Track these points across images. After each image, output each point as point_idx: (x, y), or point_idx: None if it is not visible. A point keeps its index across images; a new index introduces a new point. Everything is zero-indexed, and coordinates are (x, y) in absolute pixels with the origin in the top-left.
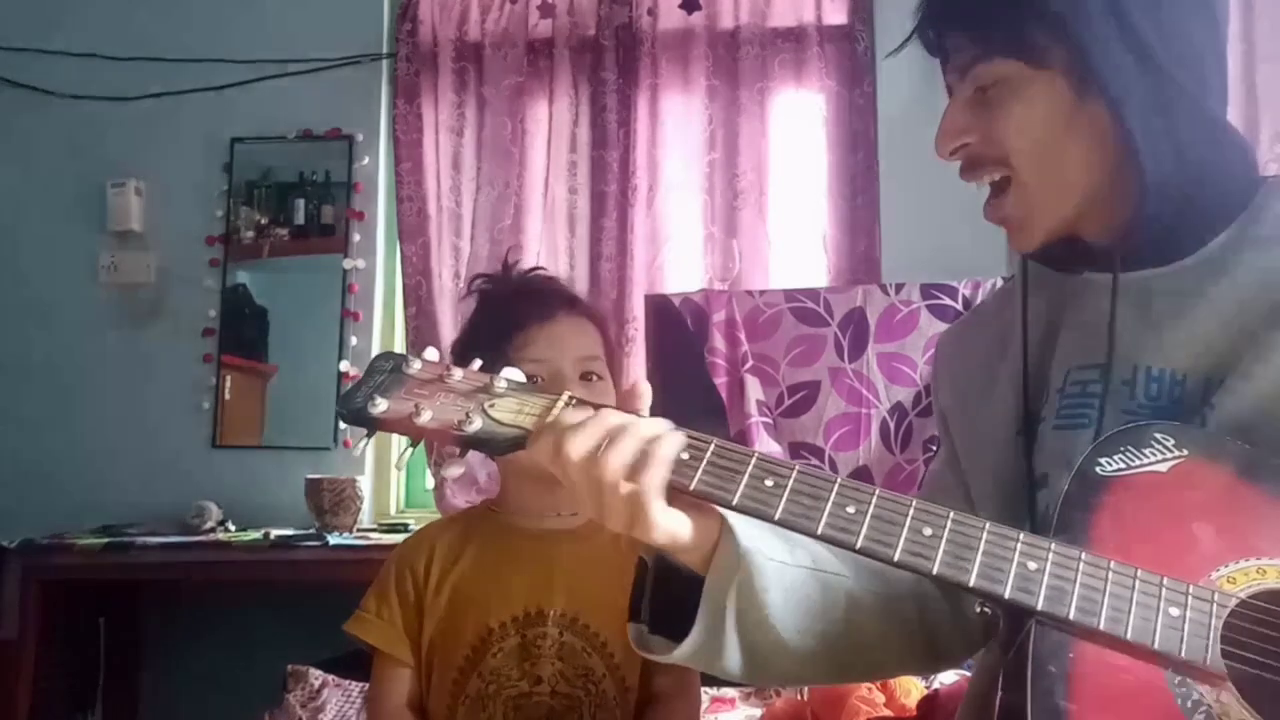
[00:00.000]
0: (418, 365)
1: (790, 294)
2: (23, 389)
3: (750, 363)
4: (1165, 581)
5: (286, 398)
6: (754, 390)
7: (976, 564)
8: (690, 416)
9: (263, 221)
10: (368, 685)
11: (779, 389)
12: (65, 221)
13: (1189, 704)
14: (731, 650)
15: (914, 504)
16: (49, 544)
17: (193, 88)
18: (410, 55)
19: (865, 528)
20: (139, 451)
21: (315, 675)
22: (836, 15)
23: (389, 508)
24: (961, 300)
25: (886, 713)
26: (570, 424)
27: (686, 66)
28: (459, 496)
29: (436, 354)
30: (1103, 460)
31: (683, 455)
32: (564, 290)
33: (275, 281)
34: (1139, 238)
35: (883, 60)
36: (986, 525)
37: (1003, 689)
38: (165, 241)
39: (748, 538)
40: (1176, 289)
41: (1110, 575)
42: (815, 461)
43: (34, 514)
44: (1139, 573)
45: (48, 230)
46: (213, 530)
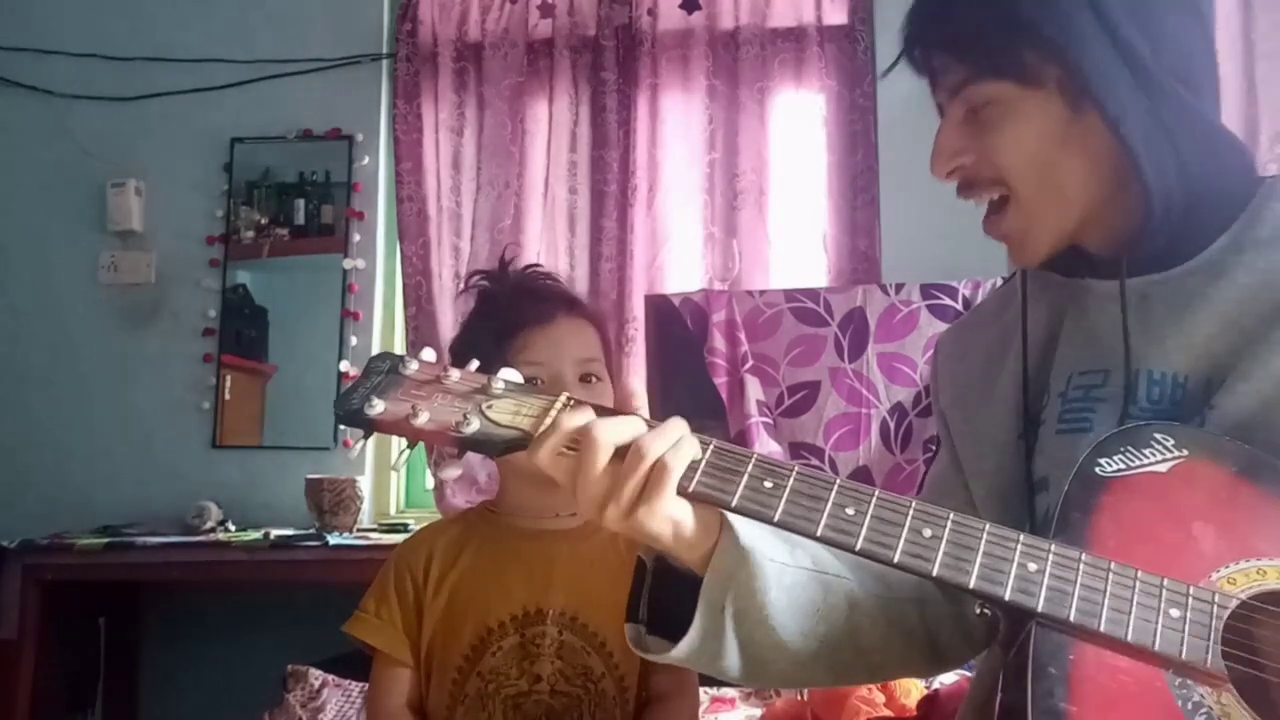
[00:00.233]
0: (415, 366)
1: (790, 294)
2: (23, 389)
3: (750, 363)
4: (1166, 583)
5: (286, 398)
6: (754, 390)
7: (976, 565)
8: (690, 416)
9: (263, 221)
10: (367, 685)
11: (779, 389)
12: (65, 221)
13: (1190, 705)
14: (730, 651)
15: (914, 505)
16: (49, 544)
17: (193, 88)
18: (410, 55)
19: (865, 529)
20: (139, 452)
21: (315, 675)
22: (836, 15)
23: (389, 508)
24: (961, 300)
25: (886, 713)
26: (579, 440)
27: (686, 66)
28: (459, 497)
29: (434, 354)
30: (1103, 461)
31: None
32: (563, 291)
33: (275, 281)
34: (1143, 248)
35: (882, 65)
36: (986, 526)
37: (1003, 690)
38: (165, 241)
39: (747, 537)
40: (1177, 292)
41: (1111, 576)
42: (815, 461)
43: (34, 514)
44: (1139, 574)
45: (48, 230)
46: (213, 530)
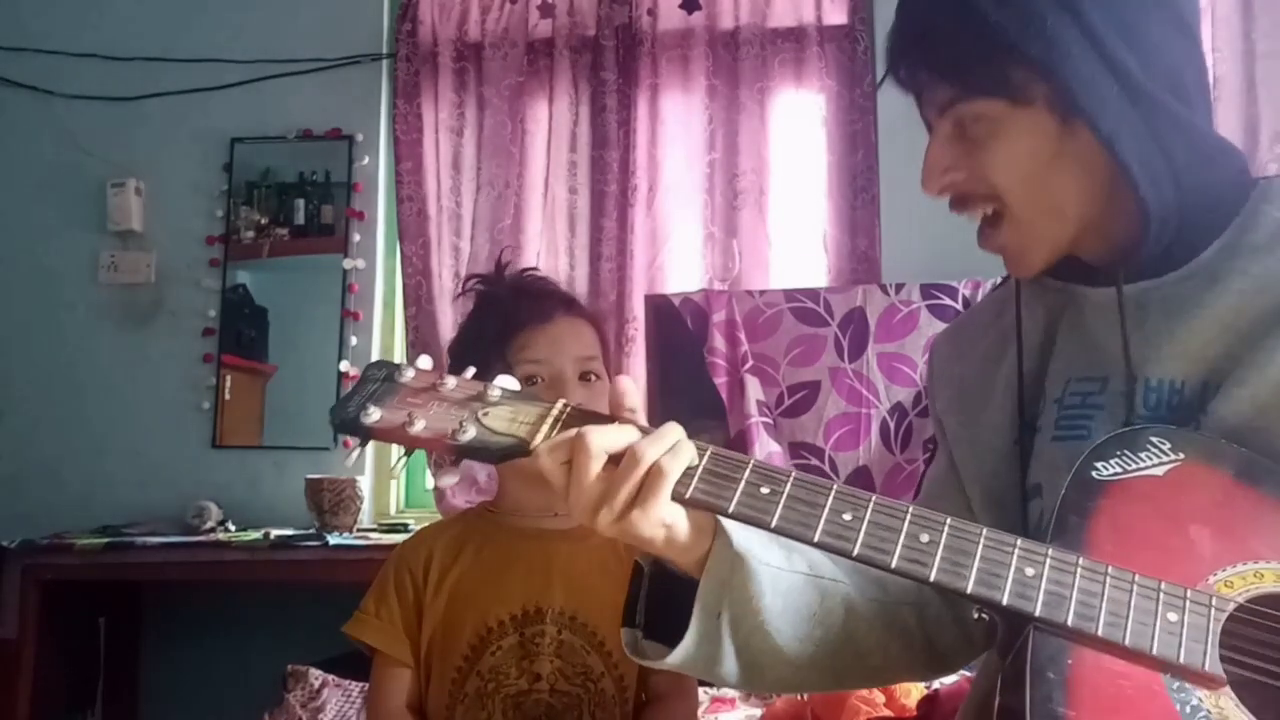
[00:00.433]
0: (411, 374)
1: (790, 294)
2: (23, 388)
3: (750, 363)
4: (1163, 586)
5: (286, 398)
6: (754, 390)
7: (974, 570)
8: (690, 417)
9: (263, 221)
10: (367, 686)
11: (779, 389)
12: (65, 221)
13: (1188, 709)
14: (727, 657)
15: (911, 510)
16: (49, 544)
17: (193, 88)
18: (410, 55)
19: (862, 534)
20: (139, 451)
21: (315, 675)
22: (836, 15)
23: (389, 508)
24: (961, 300)
25: (886, 713)
26: (572, 447)
27: (686, 66)
28: (459, 497)
29: (430, 362)
30: (1099, 465)
31: None
32: (560, 291)
33: (275, 281)
34: (1138, 256)
35: (882, 66)
36: (984, 531)
37: (1001, 694)
38: (165, 241)
39: (741, 542)
40: (1172, 299)
41: (1108, 580)
42: (815, 461)
43: (34, 514)
44: (1137, 578)
45: (48, 230)
46: (213, 530)
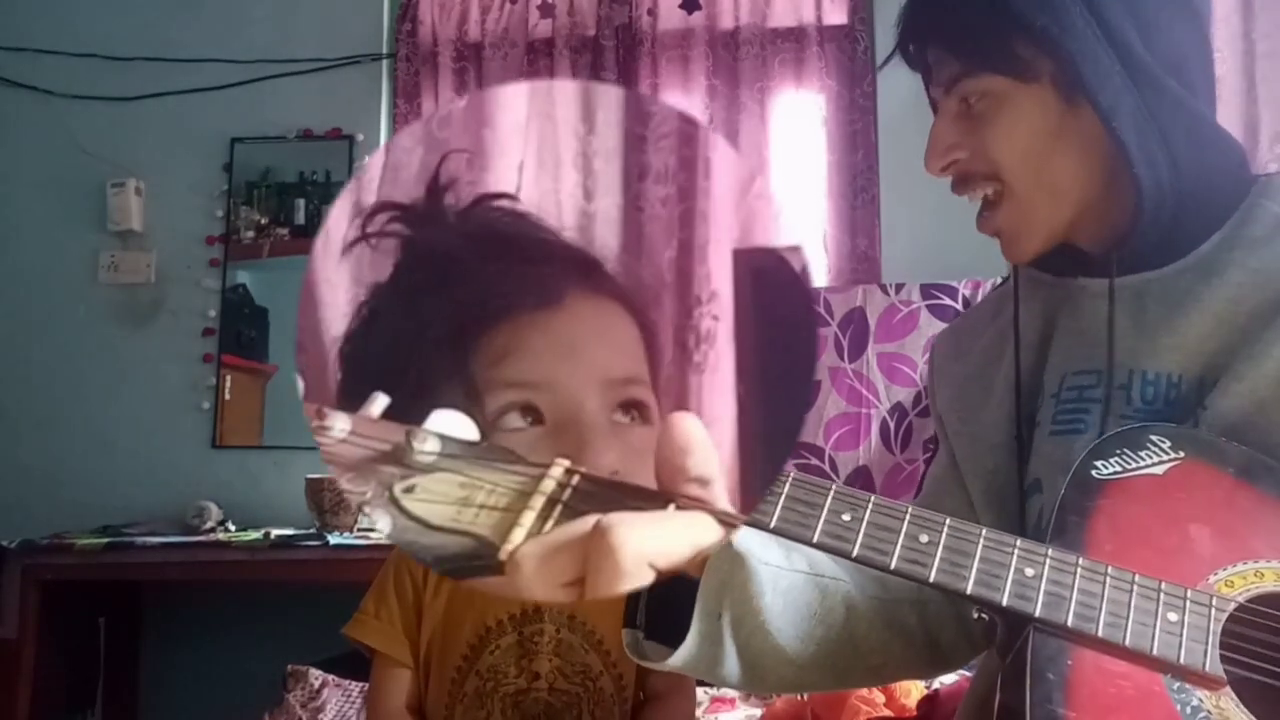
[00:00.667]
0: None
1: None
2: (23, 388)
3: None
4: (1163, 586)
5: (286, 398)
6: None
7: (973, 571)
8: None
9: (263, 221)
10: (367, 686)
11: None
12: (65, 221)
13: (1188, 709)
14: (729, 657)
15: (910, 511)
16: (49, 544)
17: (193, 88)
18: (410, 55)
19: (861, 535)
20: (139, 451)
21: (315, 675)
22: (836, 15)
23: None
24: (961, 300)
25: (886, 713)
26: (593, 554)
27: (686, 66)
28: None
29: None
30: (1099, 463)
31: None
32: (570, 247)
33: (275, 281)
34: (1135, 244)
35: (880, 66)
36: (983, 531)
37: (1000, 694)
38: (165, 241)
39: (741, 541)
40: (1170, 291)
41: (1108, 580)
42: (815, 461)
43: (34, 514)
44: (1137, 577)
45: (48, 230)
46: (213, 530)
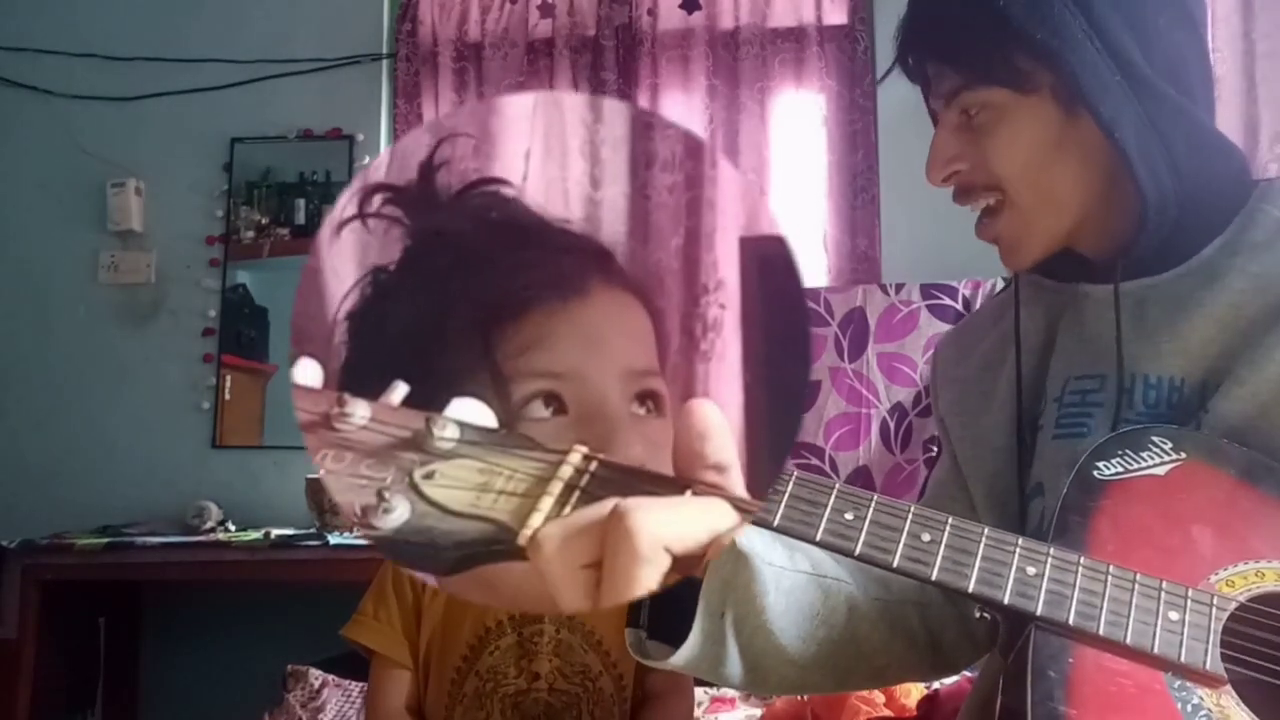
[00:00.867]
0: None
1: None
2: (23, 388)
3: None
4: (1164, 585)
5: (286, 398)
6: None
7: (975, 569)
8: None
9: (263, 221)
10: (367, 686)
11: None
12: (65, 221)
13: (1189, 708)
14: (731, 657)
15: (912, 510)
16: (49, 544)
17: (193, 88)
18: (410, 55)
19: (864, 534)
20: (139, 451)
21: (315, 675)
22: (836, 15)
23: None
24: (961, 300)
25: (886, 713)
26: (610, 542)
27: (686, 66)
28: None
29: (317, 372)
30: (1100, 464)
31: None
32: (588, 239)
33: (275, 281)
34: (1136, 251)
35: (882, 65)
36: (985, 530)
37: (1002, 693)
38: (165, 241)
39: (745, 540)
40: (1171, 296)
41: (1109, 579)
42: (815, 461)
43: (34, 514)
44: (1138, 577)
45: (48, 230)
46: (213, 530)
